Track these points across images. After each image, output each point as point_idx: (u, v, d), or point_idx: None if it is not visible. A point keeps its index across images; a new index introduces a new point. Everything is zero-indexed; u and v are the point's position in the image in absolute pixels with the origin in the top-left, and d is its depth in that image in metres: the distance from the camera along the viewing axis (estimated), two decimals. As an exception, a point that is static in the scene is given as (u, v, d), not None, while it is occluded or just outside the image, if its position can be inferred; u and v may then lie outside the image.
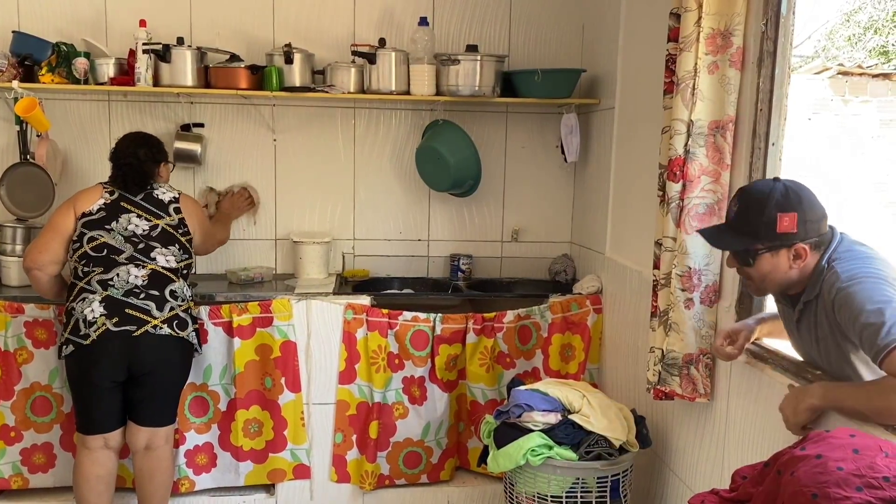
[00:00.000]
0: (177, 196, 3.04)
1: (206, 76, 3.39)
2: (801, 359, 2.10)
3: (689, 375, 2.43)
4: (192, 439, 3.21)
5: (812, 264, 1.88)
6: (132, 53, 3.31)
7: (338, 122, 3.70)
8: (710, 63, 2.28)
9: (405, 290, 3.70)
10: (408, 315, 3.25)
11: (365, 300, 3.26)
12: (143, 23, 3.31)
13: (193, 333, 2.95)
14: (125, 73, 3.34)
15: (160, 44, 3.27)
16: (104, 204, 2.91)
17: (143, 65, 3.26)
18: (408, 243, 3.84)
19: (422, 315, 3.26)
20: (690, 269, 2.36)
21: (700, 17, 2.27)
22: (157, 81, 3.32)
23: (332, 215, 3.77)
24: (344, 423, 3.29)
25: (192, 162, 3.53)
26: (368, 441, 3.28)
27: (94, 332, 2.73)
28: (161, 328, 2.80)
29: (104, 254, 2.83)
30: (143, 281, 2.83)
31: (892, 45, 11.20)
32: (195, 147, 3.51)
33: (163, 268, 2.88)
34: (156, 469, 2.94)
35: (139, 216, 2.91)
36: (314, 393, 3.27)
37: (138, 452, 2.92)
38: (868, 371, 1.83)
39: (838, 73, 6.59)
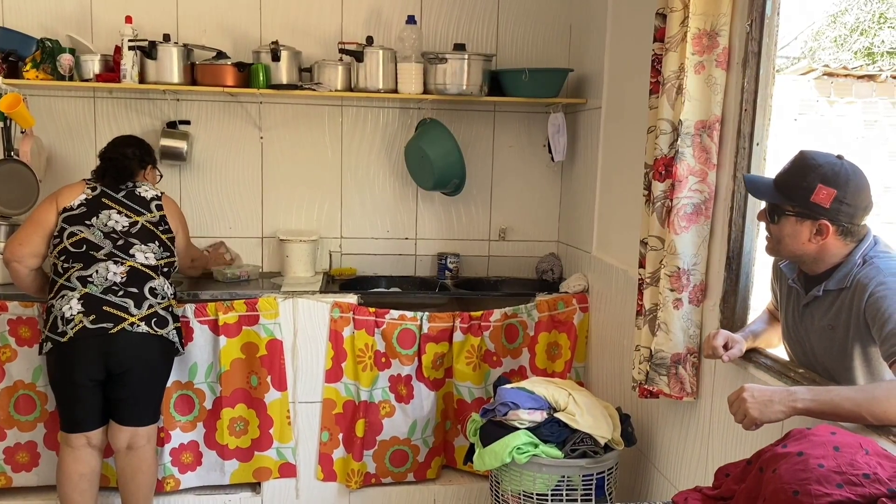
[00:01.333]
0: (159, 195, 3.02)
1: (193, 73, 3.37)
2: (785, 353, 2.11)
3: (676, 375, 2.44)
4: (178, 438, 3.19)
5: (836, 251, 1.87)
6: (118, 50, 3.29)
7: (325, 120, 3.70)
8: (697, 63, 2.29)
9: (392, 289, 3.70)
10: (395, 313, 3.25)
11: (352, 298, 3.25)
12: (128, 19, 3.30)
13: (174, 332, 2.91)
14: (111, 69, 3.33)
15: (146, 40, 3.25)
16: (85, 199, 2.88)
17: (128, 61, 3.24)
18: (395, 242, 3.84)
19: (409, 313, 3.26)
20: (679, 269, 2.37)
21: (686, 18, 2.28)
22: (143, 78, 3.31)
23: (319, 213, 3.76)
24: (330, 422, 3.28)
25: (178, 159, 3.51)
26: (355, 439, 3.28)
27: (72, 329, 2.71)
28: (138, 326, 2.77)
29: (83, 250, 2.81)
30: (122, 278, 2.80)
31: (878, 46, 11.29)
32: (181, 145, 3.49)
33: (142, 265, 2.85)
34: (138, 469, 2.91)
35: (119, 212, 2.88)
36: (300, 391, 3.26)
37: (120, 452, 2.90)
38: (864, 371, 1.83)
39: (824, 75, 6.64)
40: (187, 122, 3.58)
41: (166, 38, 3.33)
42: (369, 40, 3.43)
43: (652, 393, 2.52)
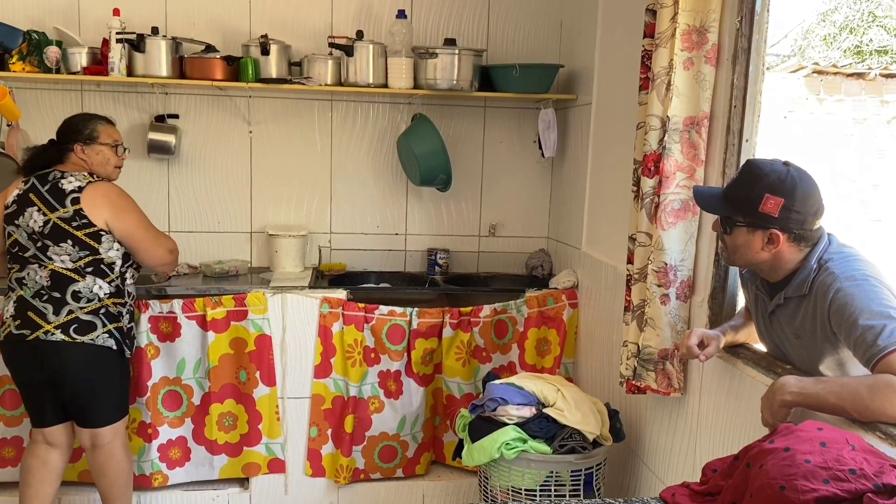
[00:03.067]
0: (82, 185, 2.68)
1: (181, 67, 3.35)
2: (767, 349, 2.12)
3: (664, 370, 2.45)
4: (165, 434, 3.18)
5: (791, 257, 1.87)
6: (105, 43, 3.26)
7: (314, 114, 3.68)
8: (686, 59, 2.29)
9: (382, 284, 3.69)
10: (384, 309, 3.24)
11: (341, 294, 3.24)
12: (116, 11, 3.27)
13: (106, 335, 2.70)
14: (98, 62, 3.30)
15: (134, 33, 3.23)
16: (17, 196, 2.70)
17: (116, 54, 3.22)
18: (385, 237, 3.83)
19: (398, 309, 3.25)
20: (667, 265, 2.38)
21: (676, 14, 2.28)
22: (131, 71, 3.28)
23: (309, 208, 3.75)
24: (319, 417, 3.27)
25: (166, 153, 3.49)
26: (344, 435, 3.27)
27: (2, 332, 2.68)
28: (52, 334, 2.62)
29: (16, 251, 2.70)
30: (48, 282, 2.65)
31: (867, 45, 11.34)
32: (169, 138, 3.47)
33: (61, 268, 2.66)
34: (106, 465, 2.83)
35: (39, 210, 2.65)
36: (289, 387, 3.25)
37: (87, 450, 2.85)
38: (838, 374, 1.84)
39: (813, 72, 6.67)
40: (176, 116, 3.55)
41: (155, 31, 3.30)
42: (359, 35, 3.42)
43: (639, 389, 2.53)
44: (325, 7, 3.60)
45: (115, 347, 2.74)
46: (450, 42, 3.43)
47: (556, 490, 2.56)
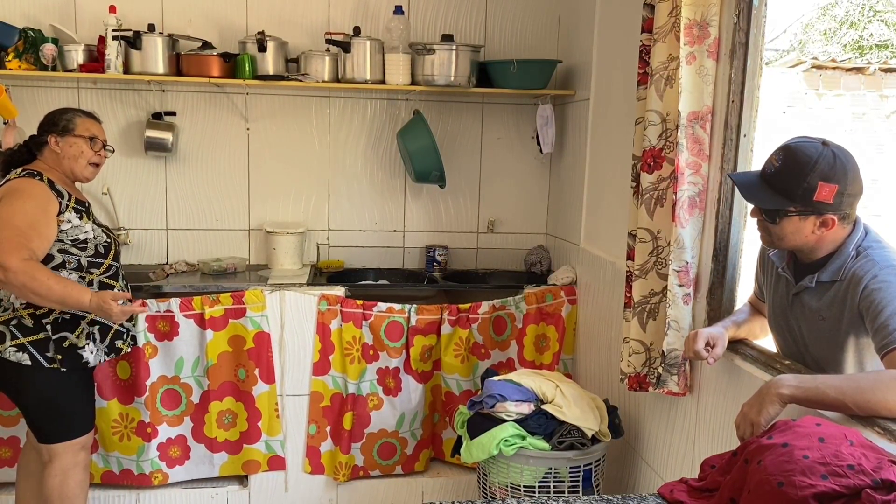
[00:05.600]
0: (9, 179, 2.52)
1: (178, 64, 3.34)
2: (772, 344, 2.11)
3: (684, 372, 2.40)
4: (164, 432, 3.17)
5: (836, 237, 1.85)
6: (102, 40, 3.25)
7: (312, 111, 3.67)
8: (689, 53, 2.27)
9: (380, 281, 3.68)
10: (382, 306, 3.23)
11: (339, 291, 3.24)
12: (112, 9, 3.26)
13: (14, 349, 2.48)
14: (95, 59, 3.29)
15: (131, 30, 3.22)
16: None
17: (113, 52, 3.21)
18: (383, 234, 3.82)
19: (397, 306, 3.25)
20: (688, 263, 2.32)
21: (674, 8, 2.27)
22: (127, 69, 3.27)
23: (307, 205, 3.74)
24: (318, 415, 3.27)
25: (163, 151, 3.48)
26: (342, 432, 3.27)
27: None
28: None
29: None
30: None
31: (867, 39, 11.33)
32: (166, 136, 3.46)
33: None
34: (43, 484, 2.62)
35: None
36: (288, 384, 3.24)
37: None
38: (854, 361, 1.83)
39: (812, 67, 6.66)
40: (173, 114, 3.54)
41: (151, 28, 3.30)
42: (356, 31, 3.41)
43: (641, 385, 2.52)
44: (322, 3, 3.59)
45: (28, 363, 2.49)
46: (447, 38, 3.42)
47: (554, 486, 2.56)
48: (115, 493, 3.20)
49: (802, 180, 1.81)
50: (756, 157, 2.23)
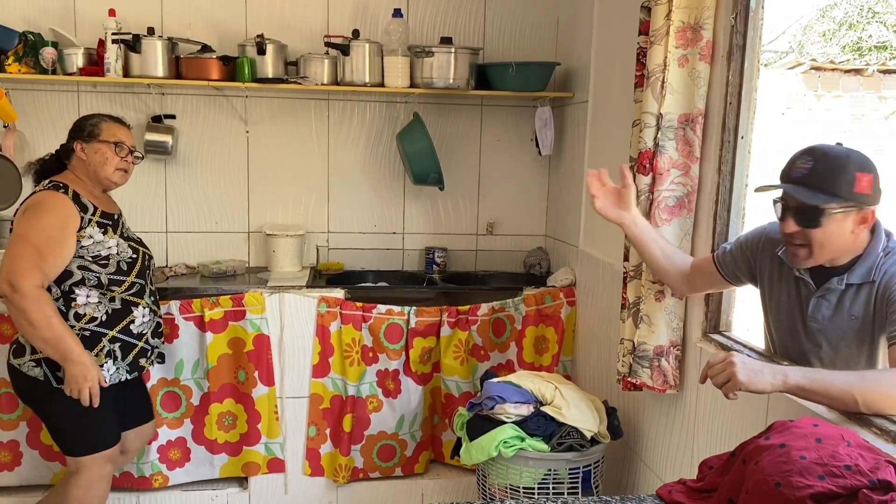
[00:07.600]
0: (34, 192, 2.51)
1: (178, 67, 3.35)
2: (770, 346, 2.10)
3: (659, 367, 2.45)
4: (164, 435, 3.18)
5: (865, 237, 1.84)
6: (101, 44, 3.26)
7: (311, 113, 3.68)
8: (681, 56, 2.29)
9: (380, 284, 3.69)
10: (382, 308, 3.24)
11: (339, 293, 3.24)
12: (112, 12, 3.27)
13: (31, 364, 2.47)
14: (94, 63, 3.30)
15: (130, 34, 3.23)
16: None
17: (112, 55, 3.21)
18: (382, 236, 3.83)
19: (396, 308, 3.25)
20: None
21: (670, 11, 2.28)
22: (127, 72, 3.28)
23: (306, 208, 3.74)
24: (318, 417, 3.27)
25: (163, 154, 3.48)
26: (342, 434, 3.27)
27: None
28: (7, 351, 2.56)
29: None
30: None
31: (866, 40, 11.34)
32: (166, 139, 3.47)
33: None
34: (62, 495, 2.64)
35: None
36: (288, 386, 3.25)
37: None
38: (883, 360, 1.81)
39: (811, 69, 6.67)
40: (172, 117, 3.55)
41: (150, 31, 3.31)
42: (355, 34, 3.41)
43: (636, 386, 2.52)
44: (321, 6, 3.59)
45: (41, 378, 2.48)
46: (446, 40, 3.43)
47: (554, 488, 2.56)
48: (115, 495, 3.19)
49: (843, 172, 1.77)
50: (754, 158, 2.24)
